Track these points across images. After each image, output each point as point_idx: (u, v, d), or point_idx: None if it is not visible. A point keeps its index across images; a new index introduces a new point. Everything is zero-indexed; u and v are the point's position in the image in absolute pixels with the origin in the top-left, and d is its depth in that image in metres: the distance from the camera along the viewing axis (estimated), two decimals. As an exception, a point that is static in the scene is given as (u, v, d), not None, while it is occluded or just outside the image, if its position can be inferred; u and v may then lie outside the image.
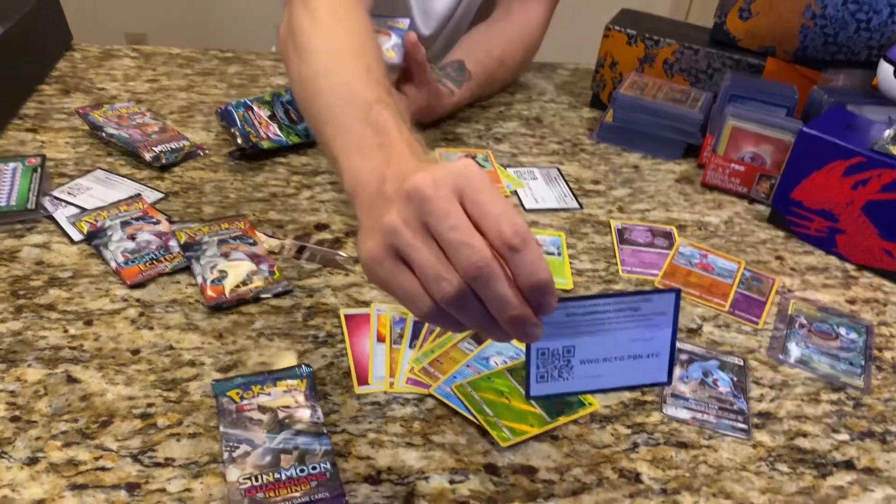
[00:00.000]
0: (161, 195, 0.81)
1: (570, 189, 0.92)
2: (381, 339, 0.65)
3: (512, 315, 0.42)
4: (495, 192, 0.42)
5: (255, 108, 0.92)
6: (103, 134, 0.88)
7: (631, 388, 0.61)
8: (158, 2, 2.79)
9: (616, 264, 0.79)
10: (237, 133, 0.89)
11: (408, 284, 0.43)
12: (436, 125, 1.02)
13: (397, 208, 0.43)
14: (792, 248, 0.85)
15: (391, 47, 0.90)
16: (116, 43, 1.18)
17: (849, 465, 0.58)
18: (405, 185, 0.43)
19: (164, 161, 0.85)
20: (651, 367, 0.48)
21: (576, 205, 0.89)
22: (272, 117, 0.92)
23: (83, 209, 0.76)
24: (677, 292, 0.46)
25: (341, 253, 0.75)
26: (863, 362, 0.69)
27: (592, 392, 0.59)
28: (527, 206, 0.87)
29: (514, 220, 0.41)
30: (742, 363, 0.67)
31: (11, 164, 0.79)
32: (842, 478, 0.57)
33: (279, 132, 0.91)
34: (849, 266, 0.83)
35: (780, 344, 0.70)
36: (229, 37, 2.77)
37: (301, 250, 0.75)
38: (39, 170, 0.79)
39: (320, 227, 0.79)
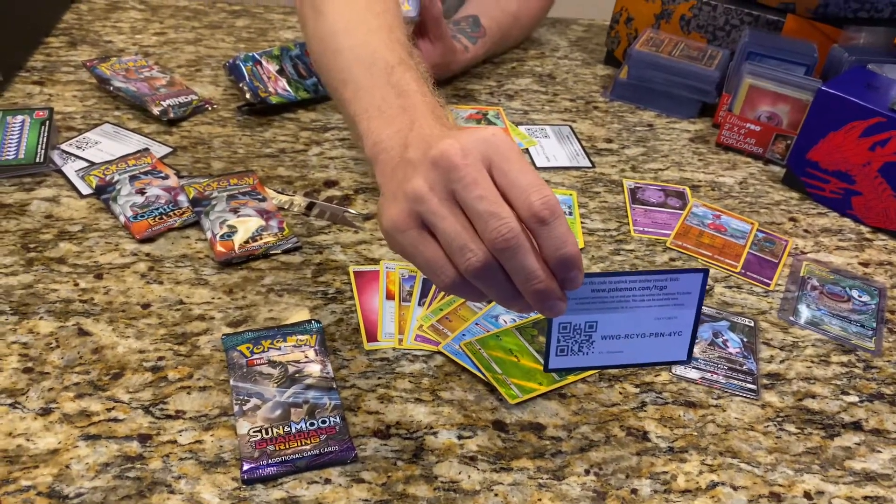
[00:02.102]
0: (169, 149, 0.81)
1: (583, 147, 0.90)
2: (390, 296, 0.65)
3: (537, 288, 0.41)
4: (524, 162, 0.41)
5: (264, 63, 0.91)
6: (111, 87, 0.87)
7: (649, 366, 0.61)
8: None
9: (628, 224, 0.78)
10: (246, 88, 0.88)
11: (431, 254, 0.42)
12: (447, 82, 1.01)
13: (423, 174, 0.42)
14: (806, 209, 0.84)
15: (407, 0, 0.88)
16: (123, -5, 1.16)
17: (857, 426, 0.58)
18: (432, 151, 0.42)
19: (172, 115, 0.84)
20: (672, 345, 0.48)
21: (588, 163, 0.88)
22: (281, 72, 0.91)
23: (91, 163, 0.76)
24: (705, 273, 0.46)
25: (350, 210, 0.75)
26: (874, 325, 0.68)
27: (611, 367, 0.59)
28: (538, 165, 0.86)
29: (544, 192, 0.40)
30: (752, 324, 0.66)
31: (19, 117, 0.78)
32: (849, 438, 0.57)
33: (288, 87, 0.90)
34: (864, 228, 0.82)
35: (791, 305, 0.69)
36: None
37: (310, 207, 0.75)
38: (47, 123, 0.78)
39: (329, 183, 0.79)
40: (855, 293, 0.72)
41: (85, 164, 0.76)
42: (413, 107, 0.50)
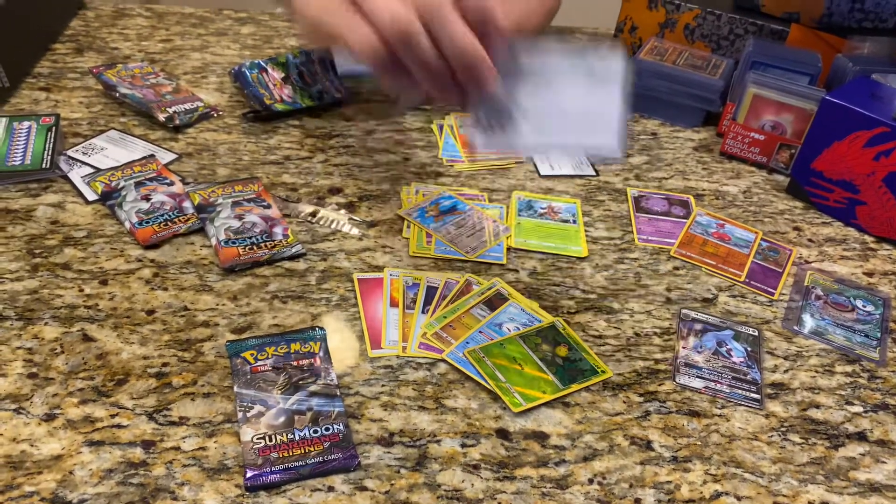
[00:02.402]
0: (175, 156, 0.81)
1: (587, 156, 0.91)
2: (393, 303, 0.65)
3: (465, 51, 0.41)
4: None
5: (269, 70, 0.92)
6: (117, 94, 0.87)
7: (580, 154, 0.59)
8: (171, -39, 2.75)
9: (632, 233, 0.78)
10: (251, 95, 0.88)
11: (356, 22, 0.42)
12: (451, 89, 1.01)
13: None
14: (810, 218, 0.84)
15: None
16: (130, 2, 1.16)
17: (861, 437, 0.58)
18: None
19: (177, 122, 0.85)
20: (601, 132, 0.46)
21: (592, 172, 0.88)
22: (286, 79, 0.92)
23: (97, 169, 0.76)
24: (625, 53, 0.45)
25: (355, 217, 0.75)
26: (879, 335, 0.68)
27: (539, 153, 0.56)
28: (543, 173, 0.86)
29: None
30: (756, 333, 0.66)
31: (26, 123, 0.79)
32: (854, 449, 0.57)
33: (293, 94, 0.90)
34: (868, 238, 0.82)
35: (795, 315, 0.69)
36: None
37: (315, 214, 0.75)
38: (54, 129, 0.78)
39: (334, 190, 0.79)
40: (859, 303, 0.71)
41: (91, 170, 0.76)
42: None
